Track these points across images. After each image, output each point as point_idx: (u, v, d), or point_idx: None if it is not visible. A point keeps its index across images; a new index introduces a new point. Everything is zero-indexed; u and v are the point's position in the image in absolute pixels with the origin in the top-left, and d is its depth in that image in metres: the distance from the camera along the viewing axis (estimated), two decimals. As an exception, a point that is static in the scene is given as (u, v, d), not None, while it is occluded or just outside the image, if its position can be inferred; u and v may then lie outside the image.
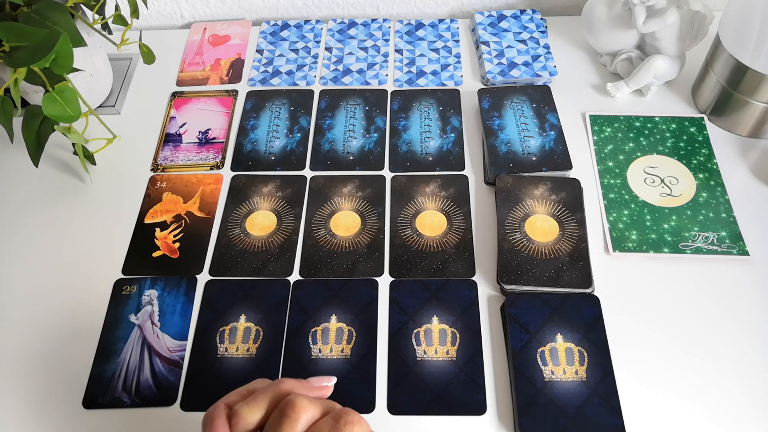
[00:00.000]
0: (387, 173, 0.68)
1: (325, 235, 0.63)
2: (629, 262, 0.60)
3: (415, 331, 0.56)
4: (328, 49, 0.82)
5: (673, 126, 0.70)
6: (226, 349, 0.56)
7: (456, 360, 0.54)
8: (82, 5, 0.65)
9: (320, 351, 0.55)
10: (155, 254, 0.63)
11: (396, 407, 0.52)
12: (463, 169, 0.68)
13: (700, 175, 0.65)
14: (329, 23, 0.85)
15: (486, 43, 0.79)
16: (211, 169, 0.70)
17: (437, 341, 0.55)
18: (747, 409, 0.51)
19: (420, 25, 0.84)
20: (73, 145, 0.67)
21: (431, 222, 0.63)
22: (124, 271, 0.62)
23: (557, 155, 0.66)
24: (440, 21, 0.84)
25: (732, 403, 0.51)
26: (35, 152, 0.62)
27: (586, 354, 0.53)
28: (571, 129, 0.70)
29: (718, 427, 0.50)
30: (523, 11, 0.83)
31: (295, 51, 0.82)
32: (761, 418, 0.51)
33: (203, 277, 0.61)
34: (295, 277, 0.60)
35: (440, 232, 0.62)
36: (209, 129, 0.74)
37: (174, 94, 0.78)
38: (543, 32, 0.80)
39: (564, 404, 0.50)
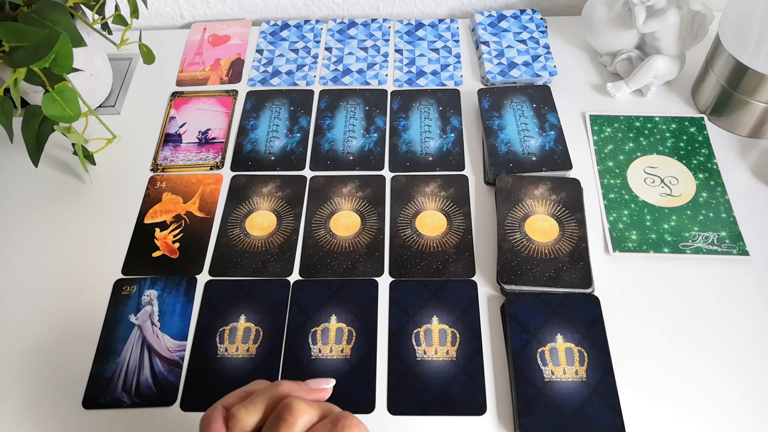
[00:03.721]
0: (387, 173, 0.68)
1: (325, 235, 0.63)
2: (629, 262, 0.60)
3: (415, 331, 0.56)
4: (328, 49, 0.81)
5: (673, 126, 0.70)
6: (226, 350, 0.56)
7: (456, 360, 0.54)
8: (82, 5, 0.65)
9: (320, 351, 0.55)
10: (155, 254, 0.63)
11: (396, 407, 0.52)
12: (463, 169, 0.68)
13: (700, 175, 0.65)
14: (329, 23, 0.85)
15: (486, 43, 0.79)
16: (211, 169, 0.70)
17: (437, 341, 0.55)
18: (747, 409, 0.51)
19: (420, 25, 0.84)
20: (73, 145, 0.67)
21: (431, 222, 0.63)
22: (123, 271, 0.62)
23: (557, 155, 0.66)
24: (440, 21, 0.84)
25: (732, 403, 0.51)
26: (35, 152, 0.62)
27: (586, 354, 0.53)
28: (571, 129, 0.70)
29: (718, 427, 0.50)
30: (523, 11, 0.83)
31: (295, 51, 0.82)
32: (761, 419, 0.51)
33: (203, 277, 0.61)
34: (295, 277, 0.60)
35: (440, 232, 0.62)
36: (209, 129, 0.74)
37: (174, 94, 0.78)
38: (543, 32, 0.80)
39: (564, 404, 0.50)
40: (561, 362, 0.52)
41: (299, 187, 0.67)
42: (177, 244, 0.63)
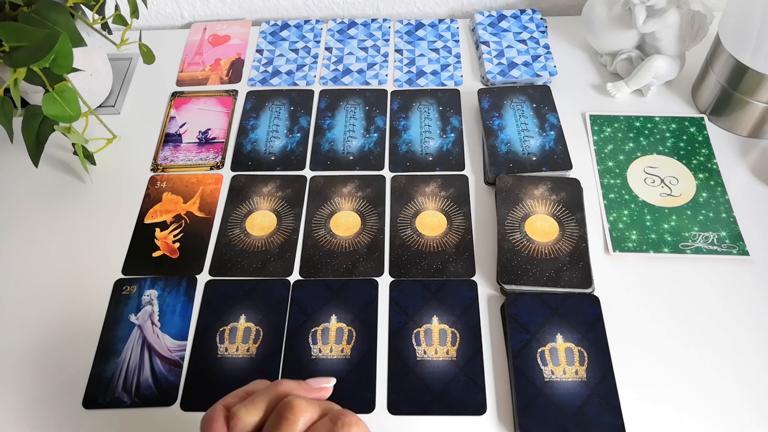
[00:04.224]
0: (387, 173, 0.68)
1: (325, 235, 0.63)
2: (629, 262, 0.60)
3: (415, 331, 0.56)
4: (328, 49, 0.82)
5: (673, 126, 0.70)
6: (226, 349, 0.56)
7: (456, 360, 0.54)
8: (82, 5, 0.65)
9: (320, 351, 0.55)
10: (155, 254, 0.63)
11: (396, 407, 0.52)
12: (463, 169, 0.68)
13: (700, 175, 0.65)
14: (329, 23, 0.85)
15: (486, 43, 0.79)
16: (211, 169, 0.70)
17: (437, 341, 0.55)
18: (747, 408, 0.51)
19: (420, 25, 0.84)
20: (73, 145, 0.67)
21: (431, 222, 0.63)
22: (124, 271, 0.62)
23: (557, 155, 0.66)
24: (440, 21, 0.84)
25: (732, 403, 0.51)
26: (35, 152, 0.62)
27: (586, 354, 0.53)
28: (571, 129, 0.70)
29: (718, 427, 0.50)
30: (523, 11, 0.83)
31: (295, 51, 0.82)
32: (760, 418, 0.51)
33: (203, 277, 0.61)
34: (295, 277, 0.60)
35: (440, 232, 0.62)
36: (209, 129, 0.74)
37: (174, 94, 0.78)
38: (543, 32, 0.80)
39: (564, 404, 0.50)
40: (561, 362, 0.52)
41: (299, 187, 0.67)
42: (177, 244, 0.63)
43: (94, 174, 0.70)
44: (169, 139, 0.73)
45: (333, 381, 0.41)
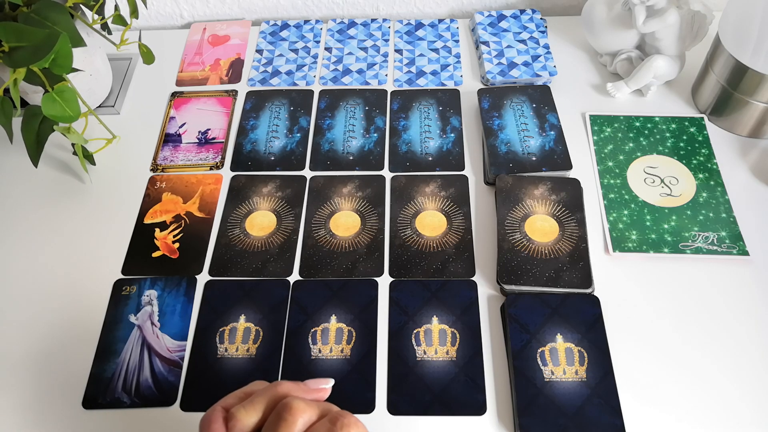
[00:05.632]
0: (387, 173, 0.68)
1: (325, 235, 0.63)
2: (629, 262, 0.60)
3: (415, 331, 0.56)
4: (328, 49, 0.81)
5: (673, 126, 0.70)
6: (226, 350, 0.56)
7: (456, 360, 0.54)
8: (81, 5, 0.65)
9: (320, 351, 0.55)
10: (155, 254, 0.63)
11: (396, 407, 0.52)
12: (463, 169, 0.68)
13: (700, 175, 0.65)
14: (329, 23, 0.85)
15: (486, 43, 0.79)
16: (211, 169, 0.70)
17: (437, 341, 0.55)
18: (747, 408, 0.51)
19: (420, 25, 0.84)
20: (73, 145, 0.67)
21: (431, 222, 0.63)
22: (123, 272, 0.62)
23: (557, 155, 0.66)
24: (440, 21, 0.84)
25: (732, 403, 0.51)
26: (35, 152, 0.62)
27: (586, 354, 0.53)
28: (571, 129, 0.70)
29: (717, 427, 0.50)
30: (523, 11, 0.83)
31: (295, 51, 0.82)
32: (761, 418, 0.51)
33: (203, 278, 0.61)
34: (294, 277, 0.60)
35: (440, 232, 0.62)
36: (209, 129, 0.74)
37: (173, 94, 0.78)
38: (543, 32, 0.80)
39: (564, 404, 0.50)
40: (561, 362, 0.52)
41: (299, 187, 0.67)
42: (177, 244, 0.63)
43: (93, 174, 0.70)
44: (169, 139, 0.73)
45: (331, 382, 0.41)
